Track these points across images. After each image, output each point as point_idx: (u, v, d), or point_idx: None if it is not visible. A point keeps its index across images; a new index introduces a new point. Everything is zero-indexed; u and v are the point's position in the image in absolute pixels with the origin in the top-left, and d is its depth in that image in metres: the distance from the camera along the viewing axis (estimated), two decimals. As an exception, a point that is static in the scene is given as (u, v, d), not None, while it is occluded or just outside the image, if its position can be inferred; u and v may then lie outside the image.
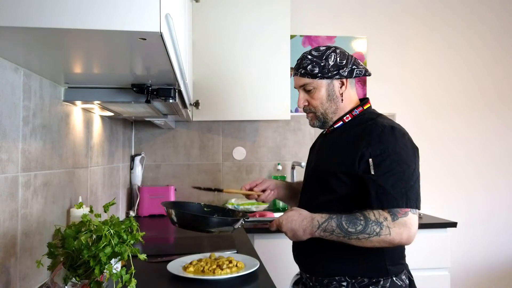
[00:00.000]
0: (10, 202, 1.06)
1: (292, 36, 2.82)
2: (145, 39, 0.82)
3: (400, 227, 1.15)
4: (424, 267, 2.22)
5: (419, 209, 1.19)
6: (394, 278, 1.25)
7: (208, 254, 1.44)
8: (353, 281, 1.25)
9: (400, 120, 2.95)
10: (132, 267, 0.97)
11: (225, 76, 2.44)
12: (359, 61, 1.35)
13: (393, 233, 1.15)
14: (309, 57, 1.32)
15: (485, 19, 3.07)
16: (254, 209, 2.61)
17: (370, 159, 1.20)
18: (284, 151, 2.85)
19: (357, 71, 1.33)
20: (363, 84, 2.92)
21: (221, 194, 2.78)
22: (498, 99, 3.06)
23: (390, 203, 1.17)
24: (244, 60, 2.45)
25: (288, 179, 2.80)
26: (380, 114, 1.34)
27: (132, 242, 0.97)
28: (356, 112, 1.34)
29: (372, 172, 1.19)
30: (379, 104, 2.93)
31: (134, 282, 0.95)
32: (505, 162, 3.04)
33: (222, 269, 1.27)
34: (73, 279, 0.92)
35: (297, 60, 1.38)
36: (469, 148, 3.02)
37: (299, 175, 2.82)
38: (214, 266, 1.29)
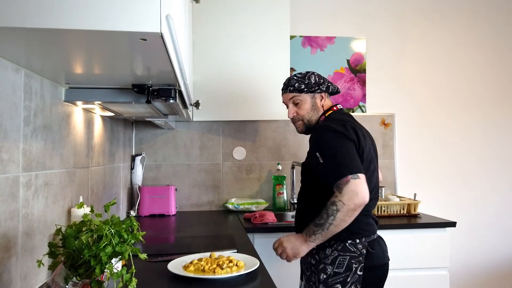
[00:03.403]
0: (11, 202, 1.06)
1: (292, 37, 2.83)
2: (145, 40, 0.83)
3: (348, 195, 1.43)
4: (423, 267, 2.22)
5: (356, 172, 1.45)
6: (347, 244, 1.53)
7: (208, 254, 1.44)
8: None
9: (399, 120, 2.96)
10: (133, 266, 0.98)
11: (225, 77, 2.45)
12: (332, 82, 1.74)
13: (346, 201, 1.43)
14: (295, 78, 1.71)
15: (484, 20, 3.07)
16: (254, 209, 2.62)
17: (317, 153, 1.53)
18: (284, 151, 2.85)
19: (332, 88, 1.73)
20: (363, 84, 2.93)
21: (221, 194, 2.79)
22: (498, 97, 3.06)
23: (334, 177, 1.47)
24: (244, 60, 2.46)
25: (288, 179, 2.81)
26: (331, 120, 1.63)
27: (132, 241, 0.98)
28: (320, 120, 1.70)
29: (321, 161, 1.52)
30: (379, 104, 2.96)
31: (134, 281, 0.96)
32: (505, 162, 3.05)
33: (222, 269, 1.28)
34: (74, 279, 0.93)
35: (284, 82, 1.75)
36: (469, 147, 3.02)
37: (298, 175, 2.82)
38: (215, 266, 1.30)
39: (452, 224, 2.26)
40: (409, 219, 2.35)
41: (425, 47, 3.01)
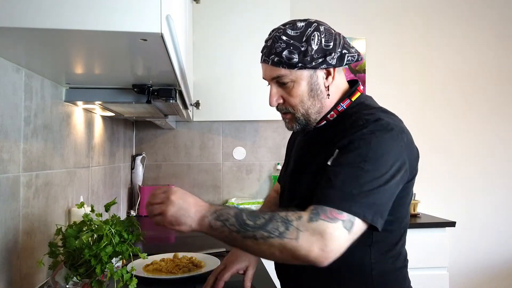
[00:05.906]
0: (12, 201, 1.06)
1: (292, 37, 2.82)
2: (146, 40, 0.83)
3: (314, 233, 0.81)
4: (423, 267, 2.23)
5: (361, 216, 0.84)
6: None
7: (172, 254, 1.44)
8: None
9: (399, 120, 2.96)
10: (133, 266, 0.98)
11: (225, 77, 2.45)
12: (349, 41, 1.03)
13: (302, 239, 0.81)
14: (284, 38, 0.97)
15: (484, 19, 3.07)
16: (254, 209, 2.62)
17: (337, 150, 0.92)
18: (283, 151, 2.82)
19: (349, 57, 0.99)
20: (362, 83, 2.93)
21: (221, 194, 2.79)
22: (497, 98, 3.06)
23: (328, 200, 0.84)
24: (244, 60, 2.46)
25: (288, 179, 2.81)
26: (374, 107, 1.04)
27: (133, 241, 0.98)
28: (343, 106, 1.03)
29: (329, 163, 0.91)
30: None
31: (135, 281, 0.96)
32: (505, 162, 3.05)
33: (180, 269, 1.28)
34: (74, 278, 0.93)
35: (266, 41, 1.03)
36: (468, 147, 3.02)
37: (299, 175, 2.82)
38: (172, 266, 1.30)
39: (452, 224, 2.27)
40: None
41: (424, 48, 3.01)
